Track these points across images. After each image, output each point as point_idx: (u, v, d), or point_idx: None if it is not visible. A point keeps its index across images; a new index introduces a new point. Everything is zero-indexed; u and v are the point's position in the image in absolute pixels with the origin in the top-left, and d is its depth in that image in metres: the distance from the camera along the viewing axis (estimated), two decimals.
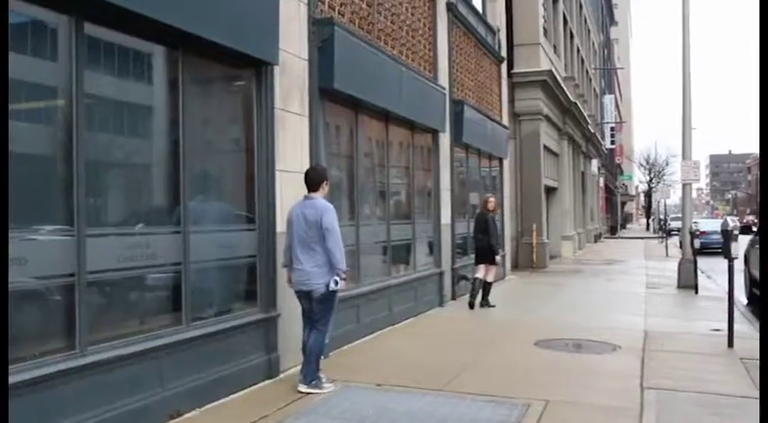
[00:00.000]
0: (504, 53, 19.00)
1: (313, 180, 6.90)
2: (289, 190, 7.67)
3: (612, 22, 72.85)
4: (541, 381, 7.45)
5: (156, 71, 6.18)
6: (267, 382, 7.16)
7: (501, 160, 18.61)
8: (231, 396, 6.56)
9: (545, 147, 24.69)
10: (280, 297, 7.42)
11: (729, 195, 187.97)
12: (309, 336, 6.82)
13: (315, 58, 8.32)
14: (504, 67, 19.11)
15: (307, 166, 8.03)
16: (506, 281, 17.95)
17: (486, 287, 12.73)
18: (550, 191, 27.39)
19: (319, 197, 6.84)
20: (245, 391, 6.80)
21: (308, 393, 6.71)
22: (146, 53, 5.99)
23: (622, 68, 76.08)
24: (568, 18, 32.48)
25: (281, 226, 7.45)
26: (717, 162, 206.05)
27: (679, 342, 9.79)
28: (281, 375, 7.38)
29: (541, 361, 8.48)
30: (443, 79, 13.25)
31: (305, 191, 7.52)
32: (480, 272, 12.65)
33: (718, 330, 10.55)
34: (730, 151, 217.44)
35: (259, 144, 7.27)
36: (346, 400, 6.55)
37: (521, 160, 22.91)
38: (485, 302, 12.70)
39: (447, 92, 13.38)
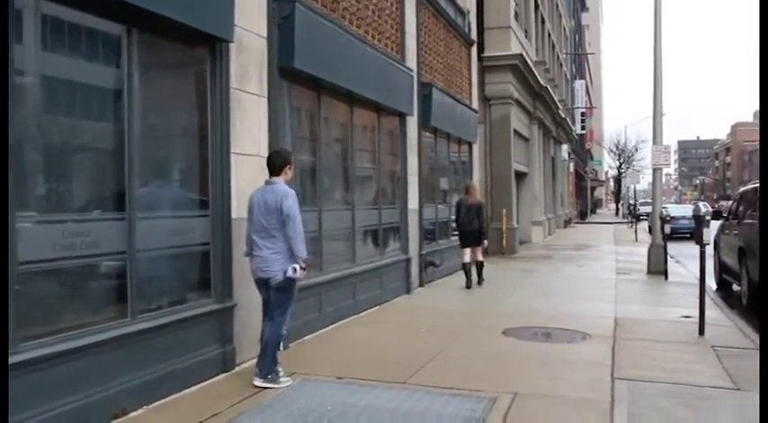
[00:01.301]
0: (474, 36, 18.69)
1: (275, 164, 6.58)
2: (245, 174, 7.31)
3: (584, 7, 72.80)
4: (509, 372, 7.18)
5: (100, 48, 5.75)
6: (222, 376, 6.81)
7: (471, 144, 18.33)
8: (183, 392, 6.20)
9: (515, 131, 24.46)
10: (236, 286, 7.07)
11: (697, 181, 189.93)
12: (265, 328, 6.54)
13: (275, 36, 7.92)
14: (474, 50, 18.81)
15: (265, 149, 7.69)
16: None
17: (480, 265, 13.76)
18: (520, 176, 27.21)
19: (281, 182, 6.52)
20: (198, 386, 6.44)
21: (264, 388, 6.40)
22: (89, 28, 5.56)
23: (593, 54, 76.17)
24: (539, 2, 32.23)
25: (237, 212, 7.09)
26: (685, 148, 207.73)
27: (650, 330, 9.59)
28: (237, 369, 7.03)
29: (510, 351, 8.21)
30: (411, 61, 12.89)
31: (264, 175, 7.19)
32: (467, 255, 13.54)
33: (688, 317, 10.39)
34: (698, 137, 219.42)
35: (213, 126, 6.87)
36: (305, 395, 6.23)
37: (491, 145, 22.65)
38: (480, 279, 13.77)
39: (415, 74, 13.03)
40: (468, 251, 13.57)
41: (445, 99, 14.93)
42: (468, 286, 13.37)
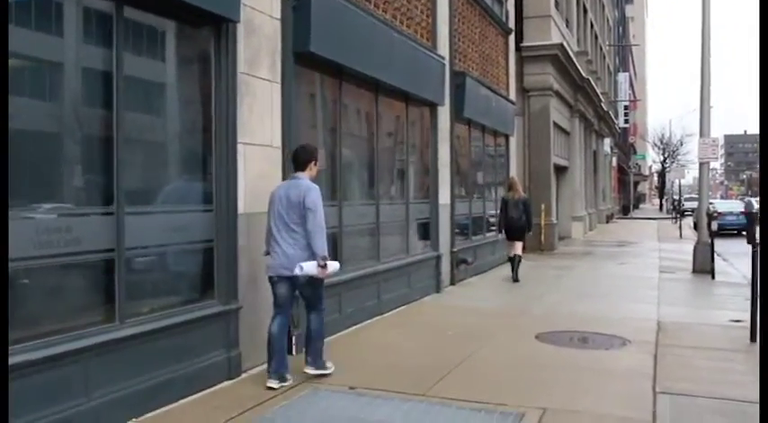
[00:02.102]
0: (511, 24, 17.98)
1: (300, 158, 6.46)
2: (255, 166, 6.79)
3: None
4: (540, 383, 6.55)
5: (86, 25, 5.24)
6: (227, 383, 6.29)
7: (507, 137, 17.65)
8: (180, 402, 5.70)
9: (555, 124, 23.67)
10: (242, 287, 6.55)
11: (744, 176, 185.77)
12: (287, 320, 6.48)
13: (289, 18, 7.38)
14: (511, 39, 18.09)
15: (278, 139, 7.18)
16: None
17: (518, 260, 13.80)
18: (561, 170, 26.41)
19: (305, 177, 6.38)
20: (199, 394, 5.93)
21: (317, 374, 6.50)
22: (75, 3, 5.06)
23: (637, 45, 74.50)
24: None
25: (244, 206, 6.58)
26: (731, 142, 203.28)
27: (695, 335, 8.87)
28: (244, 375, 6.52)
29: (542, 358, 7.58)
30: (443, 49, 12.27)
31: (274, 168, 6.73)
32: (518, 248, 13.82)
33: (738, 321, 9.65)
34: (746, 131, 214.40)
35: (218, 113, 6.35)
36: (312, 408, 5.68)
37: (529, 138, 21.92)
38: (515, 277, 13.66)
39: (447, 62, 12.41)
40: (516, 244, 13.87)
41: (480, 89, 14.28)
42: (516, 280, 13.58)
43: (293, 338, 7.22)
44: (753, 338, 8.43)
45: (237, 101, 6.50)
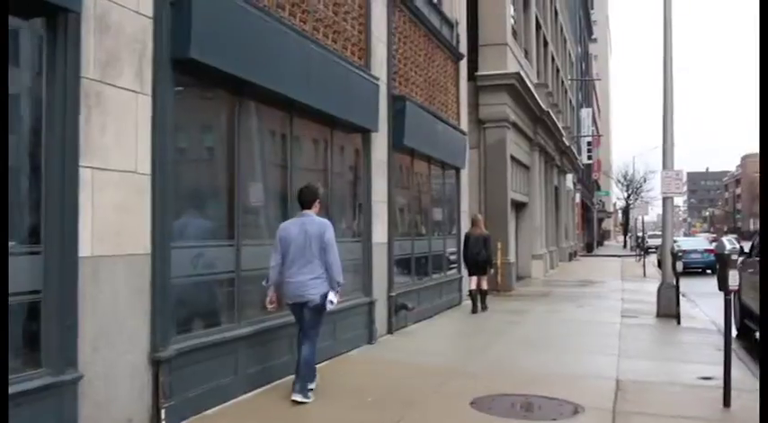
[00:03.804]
0: (463, 49, 16.80)
1: (307, 198, 7.19)
2: (109, 196, 5.39)
3: (591, 35, 71.25)
4: None
5: None
6: None
7: (458, 170, 16.37)
8: None
9: (513, 158, 22.56)
10: (85, 351, 5.11)
11: (707, 213, 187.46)
12: (301, 349, 7.01)
13: (166, 18, 6.03)
14: (463, 65, 16.91)
15: (146, 163, 5.82)
16: (462, 306, 15.65)
17: (484, 293, 14.65)
18: (519, 206, 25.28)
19: (313, 214, 7.15)
20: None
21: (302, 403, 6.82)
22: None
23: (599, 79, 74.40)
24: (542, 23, 30.45)
25: (91, 248, 5.16)
26: (694, 179, 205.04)
27: (660, 398, 7.54)
28: None
29: None
30: (379, 70, 11.01)
31: (140, 199, 5.43)
32: (474, 283, 14.53)
33: (708, 379, 8.37)
34: (707, 169, 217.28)
35: (49, 129, 4.95)
36: None
37: (485, 172, 20.73)
38: (484, 306, 14.59)
39: (383, 85, 11.14)
40: (474, 279, 14.53)
41: (424, 116, 13.02)
42: (474, 311, 14.37)
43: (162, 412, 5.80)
44: (726, 403, 7.13)
45: (81, 115, 5.11)
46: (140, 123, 5.77)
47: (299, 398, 6.83)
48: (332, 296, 6.96)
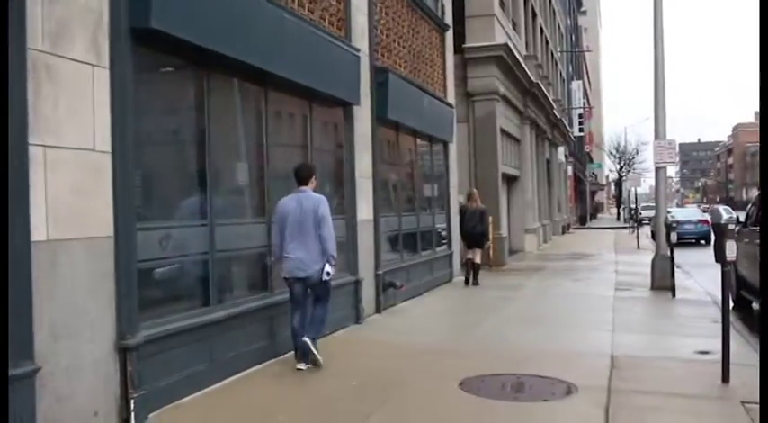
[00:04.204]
0: (448, 20, 16.37)
1: (303, 175, 7.46)
2: (64, 177, 5.03)
3: (580, 6, 70.55)
4: None
5: None
6: None
7: (446, 144, 16.00)
8: None
9: (503, 131, 22.18)
10: (44, 342, 4.77)
11: (699, 183, 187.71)
12: (306, 316, 7.37)
13: None
14: (449, 36, 16.47)
15: (105, 140, 5.48)
16: (453, 283, 15.37)
17: (476, 267, 14.82)
18: (511, 180, 24.94)
19: (310, 190, 7.39)
20: None
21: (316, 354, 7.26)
22: None
23: (590, 51, 73.72)
24: None
25: (46, 232, 4.82)
26: (686, 150, 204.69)
27: (657, 374, 7.27)
28: None
29: (462, 416, 5.91)
30: (360, 41, 10.61)
31: (100, 178, 5.16)
32: (477, 256, 14.84)
33: (706, 353, 8.10)
34: (699, 139, 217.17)
35: None
36: None
37: (474, 146, 20.34)
38: (476, 281, 14.74)
39: (365, 56, 10.76)
40: (470, 252, 14.86)
41: (409, 89, 12.64)
42: (467, 284, 14.75)
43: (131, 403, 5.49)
44: (725, 378, 6.84)
45: (29, 89, 4.74)
46: (98, 98, 5.39)
47: (311, 346, 7.23)
48: (328, 267, 7.22)
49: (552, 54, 39.21)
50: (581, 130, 53.87)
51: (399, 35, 12.83)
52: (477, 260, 14.79)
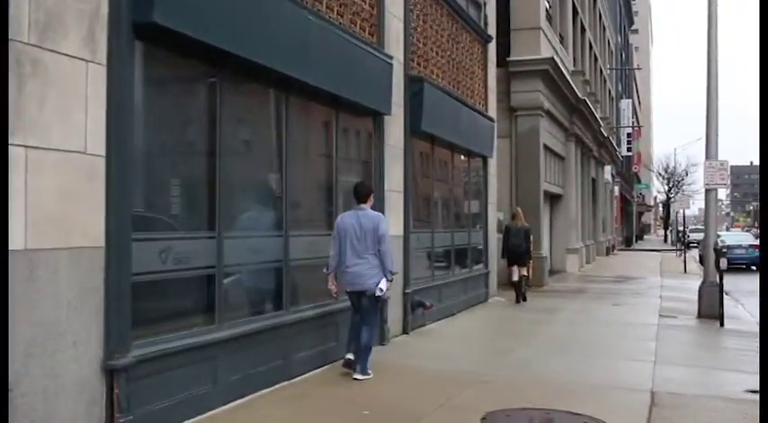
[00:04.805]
0: (491, 32, 15.83)
1: (361, 193, 7.79)
2: (49, 180, 4.62)
3: (631, 24, 69.43)
4: None
5: None
6: None
7: (486, 159, 15.42)
8: None
9: (547, 147, 21.54)
10: (19, 362, 4.32)
11: (751, 207, 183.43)
12: (361, 332, 7.53)
13: None
14: (492, 48, 15.92)
15: (98, 142, 5.09)
16: (489, 304, 14.76)
17: (522, 283, 14.96)
18: (554, 198, 24.27)
19: (368, 208, 7.74)
20: None
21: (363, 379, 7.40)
22: None
23: (640, 69, 72.23)
24: (579, 9, 29.24)
25: (25, 240, 4.40)
26: (738, 173, 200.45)
27: (701, 417, 6.61)
28: None
29: None
30: (395, 48, 10.14)
31: (90, 183, 4.86)
32: (515, 274, 14.90)
33: (756, 392, 7.37)
34: (752, 162, 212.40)
35: None
36: None
37: (516, 162, 19.79)
38: (524, 297, 14.97)
39: (400, 64, 10.29)
40: (515, 269, 14.91)
41: (446, 100, 12.11)
42: (518, 301, 14.78)
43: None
44: None
45: (11, 85, 4.33)
46: (92, 97, 4.97)
47: (359, 376, 7.44)
48: (383, 284, 7.50)
49: (601, 71, 38.37)
50: (629, 149, 52.82)
51: (438, 44, 12.33)
52: (525, 273, 15.08)
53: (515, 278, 14.83)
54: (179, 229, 6.16)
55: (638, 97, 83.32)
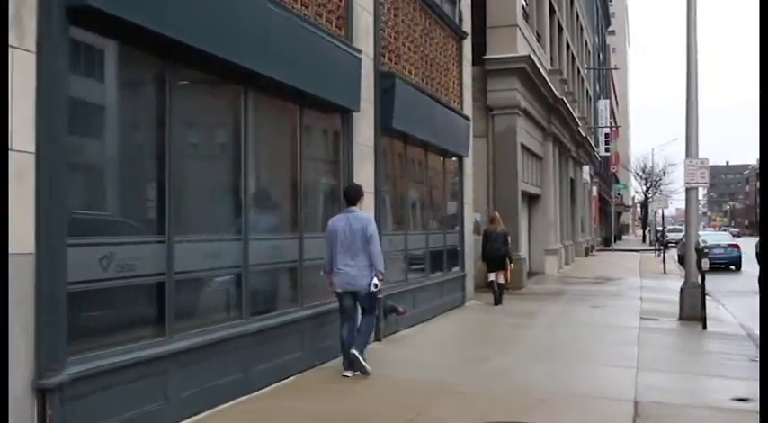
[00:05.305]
0: (467, 28, 15.41)
1: (351, 196, 8.02)
2: None
3: (608, 25, 69.52)
4: None
5: None
6: None
7: (461, 159, 15.00)
8: None
9: (524, 147, 21.21)
10: None
11: (728, 206, 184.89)
12: (354, 325, 7.88)
13: None
14: (467, 44, 15.49)
15: (27, 137, 4.62)
16: (465, 307, 14.34)
17: (501, 288, 14.86)
18: (532, 198, 23.94)
19: (358, 210, 7.94)
20: None
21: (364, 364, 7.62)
22: None
23: (617, 68, 72.33)
24: (556, 7, 28.95)
25: None
26: (714, 173, 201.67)
27: None
28: None
29: None
30: (363, 42, 9.69)
31: (19, 184, 4.22)
32: (500, 277, 14.83)
33: (744, 400, 7.01)
34: (728, 162, 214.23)
35: None
36: None
37: (493, 162, 19.41)
38: (500, 301, 14.68)
39: (369, 59, 9.85)
40: (493, 274, 14.81)
41: (419, 97, 11.68)
42: (496, 303, 14.61)
43: None
44: None
45: None
46: (18, 87, 4.48)
47: (355, 351, 7.62)
48: (375, 281, 7.76)
49: (579, 71, 38.16)
50: (607, 149, 52.75)
51: (410, 40, 11.89)
52: (501, 280, 14.87)
53: (491, 278, 14.82)
54: (123, 233, 5.65)
55: (616, 98, 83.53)
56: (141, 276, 5.67)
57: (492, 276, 14.79)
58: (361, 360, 7.63)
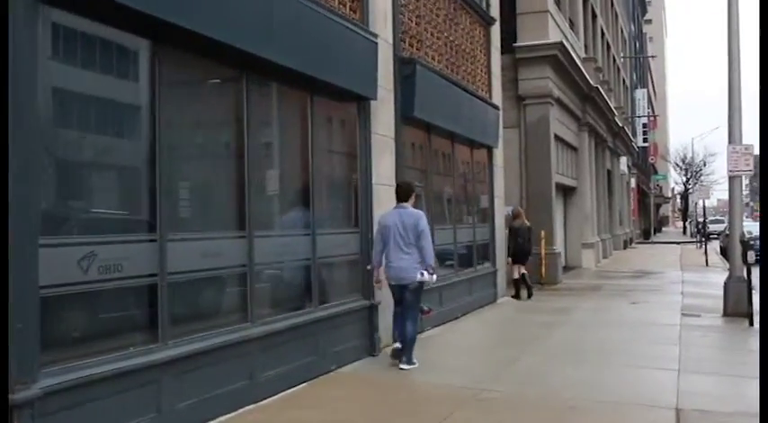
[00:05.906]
0: (494, 13, 14.79)
1: (404, 192, 8.24)
2: None
3: (644, 13, 68.01)
4: None
5: None
6: None
7: (490, 150, 14.38)
8: None
9: (558, 137, 20.47)
10: None
11: None
12: (405, 325, 7.97)
13: None
14: (495, 31, 14.85)
15: None
16: (497, 305, 13.76)
17: (526, 279, 14.87)
18: (568, 191, 23.21)
19: (410, 206, 8.18)
20: None
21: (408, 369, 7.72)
22: None
23: (654, 57, 70.83)
24: None
25: None
26: (757, 162, 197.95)
27: None
28: None
29: None
30: (381, 27, 9.16)
31: None
32: (516, 272, 14.78)
33: None
34: None
35: None
36: None
37: (526, 153, 18.74)
38: (531, 293, 14.89)
39: (388, 45, 9.32)
40: (516, 267, 14.79)
41: (443, 85, 11.10)
42: (518, 297, 14.73)
43: None
44: None
45: None
46: None
47: (404, 366, 7.85)
48: (426, 275, 7.92)
49: (614, 59, 37.18)
50: (645, 140, 51.57)
51: (433, 25, 11.32)
52: (524, 270, 14.93)
53: (515, 276, 14.78)
54: (108, 231, 5.17)
55: (654, 87, 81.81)
56: (129, 278, 5.19)
57: (516, 272, 14.79)
58: (407, 368, 7.89)
